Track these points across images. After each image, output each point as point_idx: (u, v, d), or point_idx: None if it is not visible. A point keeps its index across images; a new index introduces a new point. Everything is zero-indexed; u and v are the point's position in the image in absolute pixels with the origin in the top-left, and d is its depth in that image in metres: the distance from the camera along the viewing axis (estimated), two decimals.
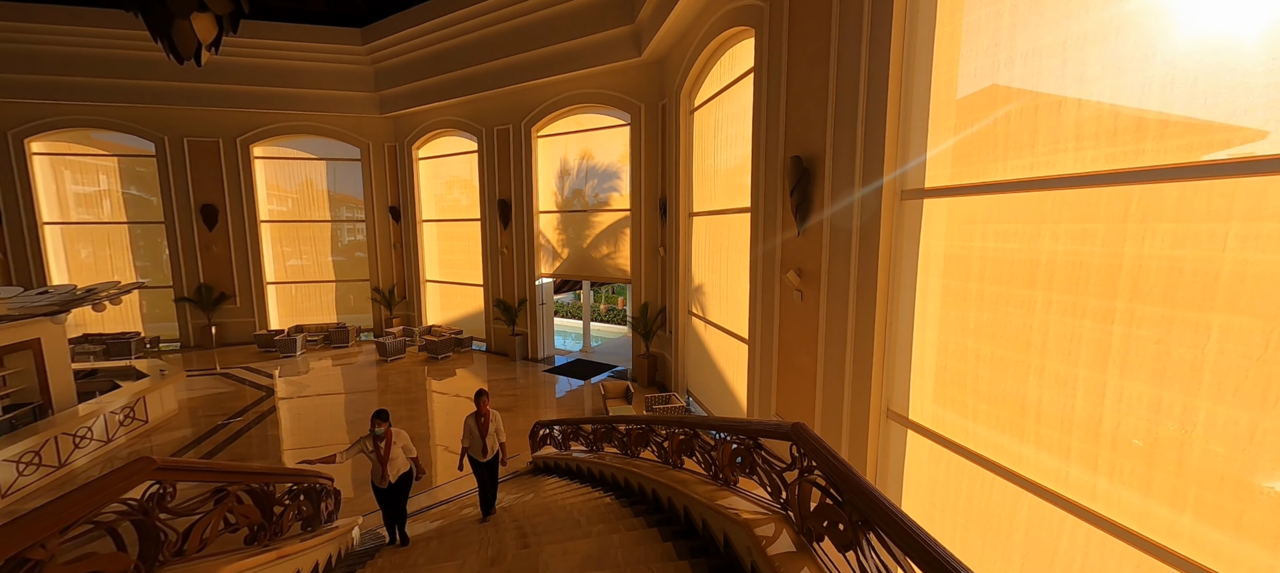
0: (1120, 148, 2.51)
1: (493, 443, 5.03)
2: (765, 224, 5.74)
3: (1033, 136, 2.93)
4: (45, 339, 7.78)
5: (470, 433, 5.05)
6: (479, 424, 4.99)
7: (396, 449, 4.69)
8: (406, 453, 4.80)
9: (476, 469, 5.09)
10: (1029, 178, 2.91)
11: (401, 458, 4.74)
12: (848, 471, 1.59)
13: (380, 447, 4.61)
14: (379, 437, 4.60)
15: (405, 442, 4.81)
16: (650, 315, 10.34)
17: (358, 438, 4.73)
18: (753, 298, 6.14)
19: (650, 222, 10.28)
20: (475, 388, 10.56)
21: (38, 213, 13.02)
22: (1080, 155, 2.69)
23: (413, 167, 14.40)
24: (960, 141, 3.48)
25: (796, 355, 5.24)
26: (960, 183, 3.43)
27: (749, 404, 6.31)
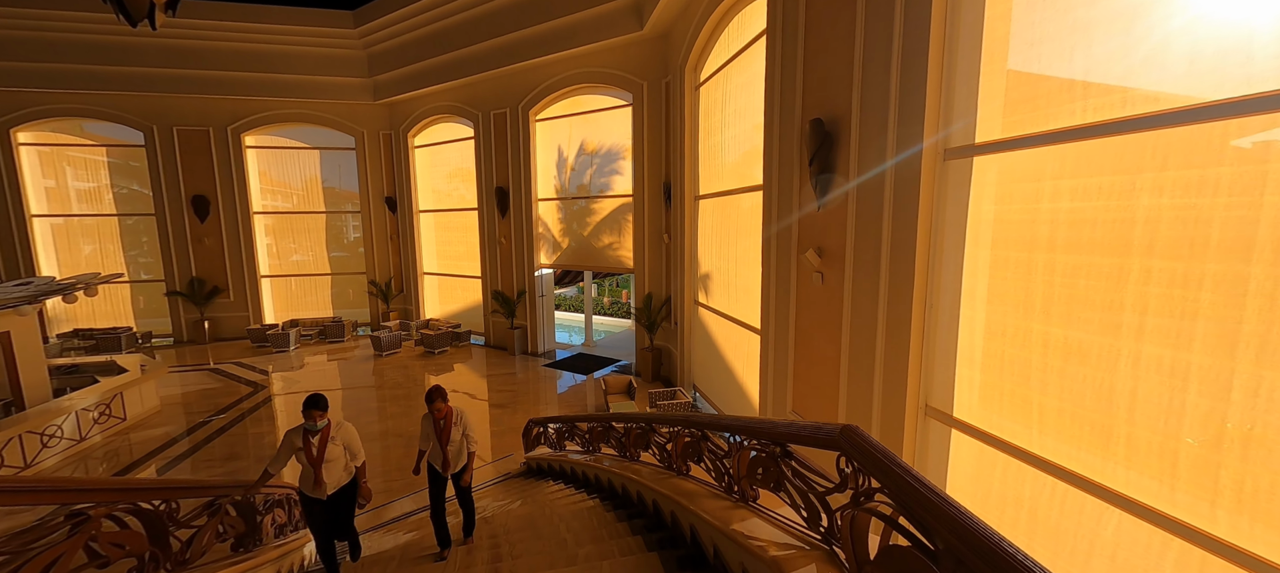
0: (1258, 68, 1.92)
1: (459, 451, 4.02)
2: (780, 201, 5.17)
3: (1124, 65, 2.35)
4: (15, 332, 7.36)
5: (428, 437, 4.04)
6: (438, 430, 3.96)
7: (335, 449, 3.64)
8: (348, 455, 3.76)
9: (435, 485, 4.01)
10: (1126, 117, 2.32)
11: (342, 462, 3.72)
12: (943, 501, 1.04)
13: (311, 445, 3.56)
14: (312, 432, 3.56)
15: (349, 439, 3.76)
16: (654, 306, 9.79)
17: (285, 433, 3.65)
18: (765, 284, 5.57)
19: (654, 207, 9.72)
20: (474, 382, 10.19)
21: (26, 205, 12.67)
22: (1193, 83, 2.10)
23: (409, 155, 13.92)
24: (1020, 84, 2.89)
25: (816, 345, 4.67)
26: (1022, 133, 2.84)
27: (762, 401, 5.76)
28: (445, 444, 3.96)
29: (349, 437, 3.77)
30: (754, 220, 6.27)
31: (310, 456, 3.55)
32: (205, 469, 6.67)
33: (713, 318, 7.89)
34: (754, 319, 6.25)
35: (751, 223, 6.37)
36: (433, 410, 3.92)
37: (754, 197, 6.28)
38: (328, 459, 3.59)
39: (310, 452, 3.55)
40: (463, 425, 4.06)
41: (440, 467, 4.03)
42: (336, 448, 3.68)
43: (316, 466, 3.56)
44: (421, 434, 4.06)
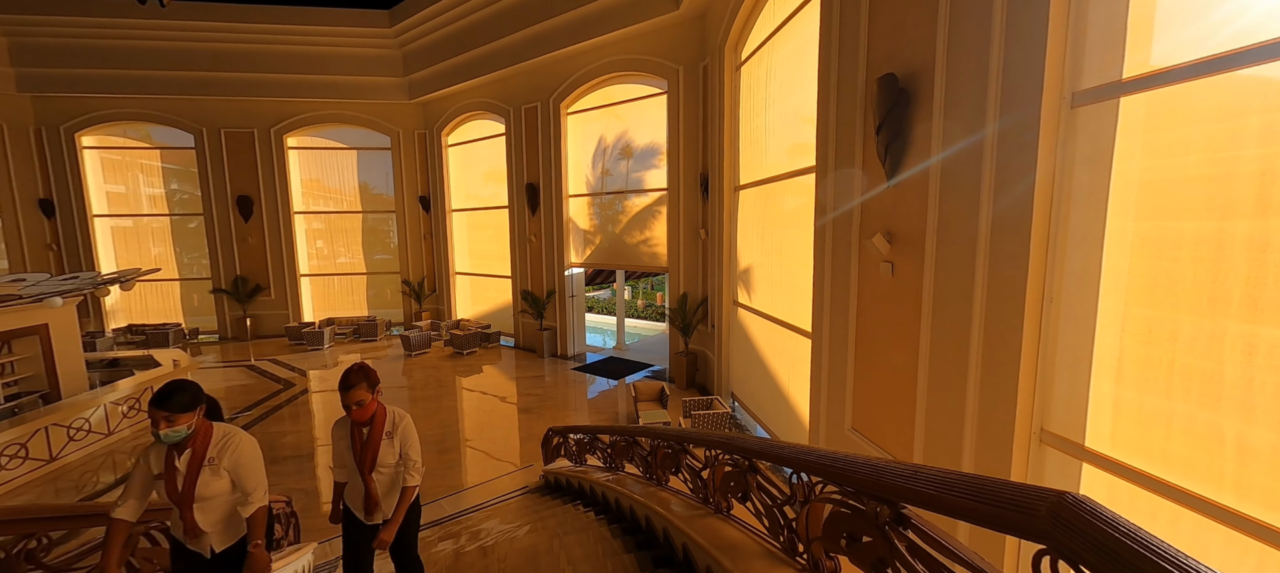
0: None
1: (391, 482, 2.58)
2: (837, 182, 4.41)
3: None
4: (53, 325, 7.44)
5: (341, 459, 2.60)
6: (355, 443, 2.52)
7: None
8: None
9: (353, 543, 2.63)
10: None
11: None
12: None
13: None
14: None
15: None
16: (690, 307, 9.09)
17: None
18: (818, 280, 4.80)
19: (690, 201, 9.04)
20: (502, 385, 9.78)
21: (88, 206, 13.29)
22: None
23: (442, 154, 13.80)
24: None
25: (885, 350, 3.88)
26: (1208, 55, 2.03)
27: (813, 415, 4.97)
28: (368, 470, 2.48)
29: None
30: (803, 209, 5.51)
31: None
32: None
33: (754, 320, 7.13)
34: (803, 321, 5.48)
35: (800, 212, 5.61)
36: (347, 407, 2.47)
37: (803, 182, 5.52)
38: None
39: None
40: (401, 438, 2.60)
41: (361, 508, 2.56)
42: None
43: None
44: (333, 452, 2.64)
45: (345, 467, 2.61)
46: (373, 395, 2.51)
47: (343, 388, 2.46)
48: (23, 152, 12.65)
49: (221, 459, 2.17)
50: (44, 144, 12.81)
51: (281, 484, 5.93)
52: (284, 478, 6.11)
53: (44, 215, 13.05)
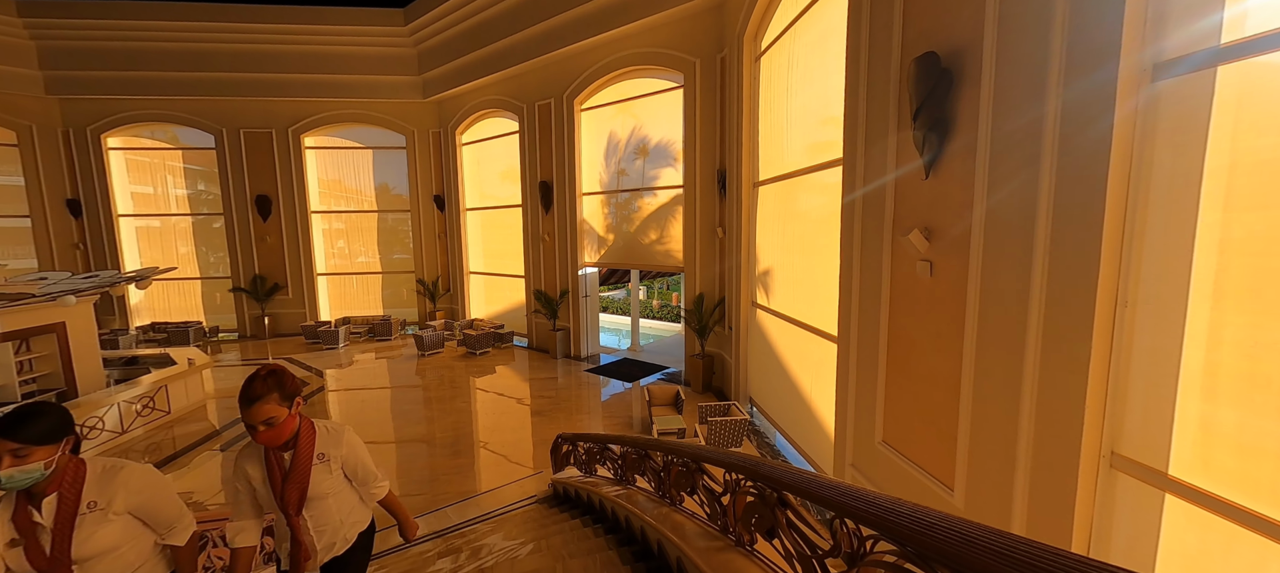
0: None
1: (322, 516, 1.95)
2: (867, 172, 4.07)
3: None
4: (70, 323, 7.48)
5: (252, 501, 1.94)
6: (274, 476, 1.87)
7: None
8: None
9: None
10: None
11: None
12: None
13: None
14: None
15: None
16: (706, 309, 8.79)
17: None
18: (845, 280, 4.47)
19: (706, 199, 8.74)
20: (514, 386, 9.59)
21: (113, 206, 13.54)
22: None
23: (457, 152, 13.72)
24: None
25: (921, 357, 3.54)
26: None
27: (840, 424, 4.64)
28: (294, 509, 1.87)
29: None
30: (828, 205, 5.18)
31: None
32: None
33: (774, 322, 6.80)
34: (828, 324, 5.15)
35: (826, 207, 5.28)
36: (252, 428, 1.78)
37: (828, 176, 5.19)
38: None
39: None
40: (343, 459, 2.00)
41: (288, 558, 1.94)
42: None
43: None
44: (232, 498, 2.02)
45: (261, 509, 1.94)
46: (289, 409, 1.83)
47: (244, 402, 1.75)
48: (51, 153, 12.93)
49: (111, 501, 1.62)
50: (71, 145, 13.08)
51: None
52: None
53: (71, 215, 13.33)
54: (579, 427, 7.52)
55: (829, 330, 5.12)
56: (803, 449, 6.01)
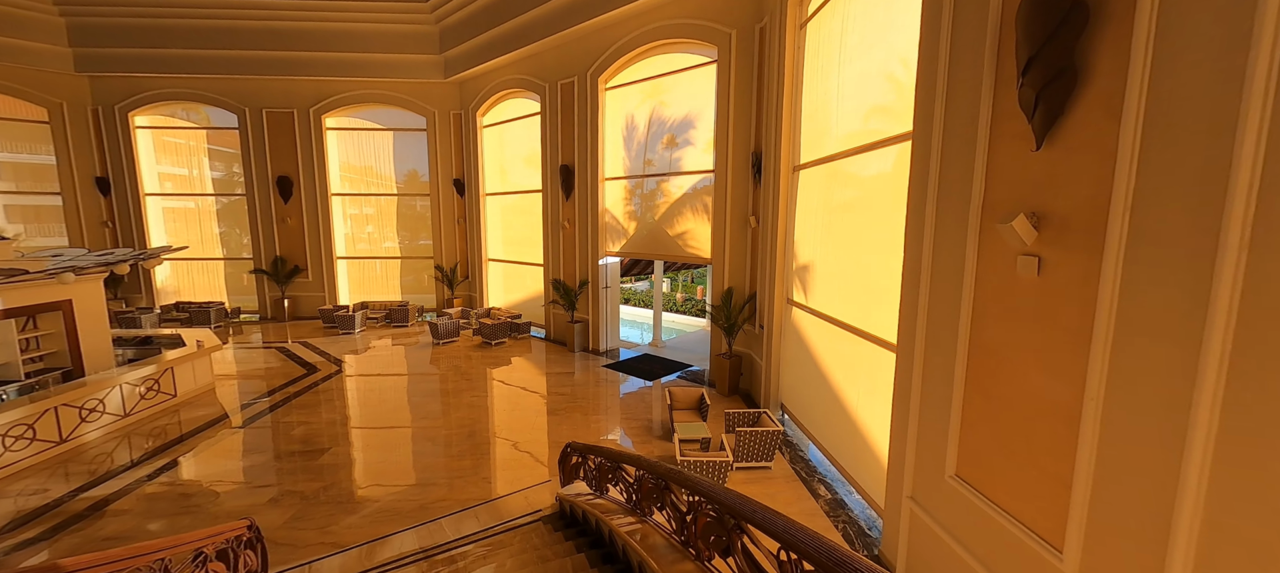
0: None
1: None
2: (947, 146, 3.32)
3: None
4: (77, 301, 7.28)
5: None
6: None
7: None
8: None
9: None
10: None
11: None
12: None
13: None
14: None
15: None
16: (735, 305, 8.08)
17: None
18: (911, 278, 3.73)
19: (738, 185, 8.00)
20: (528, 379, 9.09)
21: (140, 185, 13.59)
22: None
23: (477, 135, 13.26)
24: None
25: (1018, 376, 2.79)
26: None
27: (896, 449, 3.92)
28: None
29: None
30: (888, 189, 4.43)
31: None
32: (222, 461, 6.05)
33: (814, 323, 6.06)
34: (883, 329, 4.42)
35: (885, 192, 4.52)
36: None
37: (888, 154, 4.43)
38: None
39: None
40: None
41: None
42: None
43: None
44: None
45: None
46: None
47: None
48: (81, 131, 13.01)
49: None
50: (100, 123, 13.14)
51: (279, 484, 5.42)
52: (283, 477, 5.60)
53: (100, 193, 13.44)
54: (594, 427, 6.95)
55: (885, 337, 4.38)
56: (847, 471, 5.29)
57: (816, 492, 5.29)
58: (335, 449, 6.28)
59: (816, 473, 5.70)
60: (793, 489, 5.34)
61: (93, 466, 5.96)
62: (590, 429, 6.93)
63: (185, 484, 5.49)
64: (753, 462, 5.70)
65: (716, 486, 2.10)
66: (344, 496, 5.20)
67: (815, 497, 5.19)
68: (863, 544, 4.46)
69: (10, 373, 6.69)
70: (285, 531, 4.58)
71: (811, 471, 5.74)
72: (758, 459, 5.70)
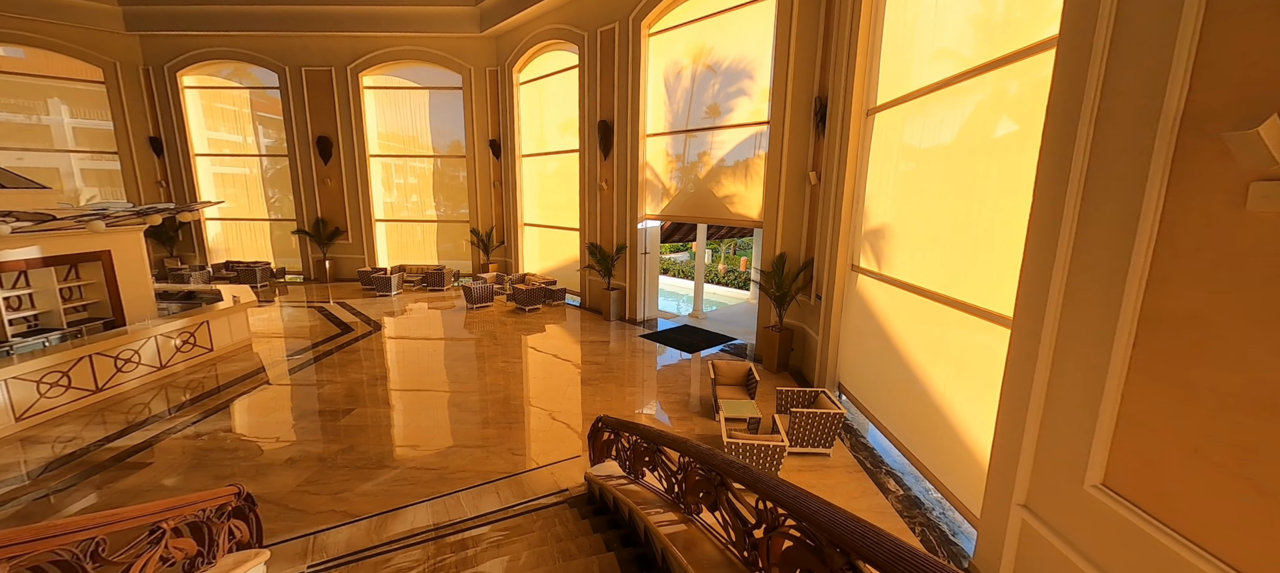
0: None
1: None
2: (1122, 42, 2.42)
3: None
4: (116, 252, 7.26)
5: None
6: None
7: None
8: None
9: None
10: None
11: None
12: None
13: None
14: None
15: None
16: (788, 272, 7.26)
17: None
18: (1043, 231, 2.88)
19: (798, 136, 7.07)
20: (560, 347, 8.64)
21: (190, 145, 13.84)
22: None
23: (513, 92, 12.69)
24: None
25: (1232, 358, 1.96)
26: None
27: (1003, 447, 3.12)
28: None
29: None
30: (1002, 122, 3.52)
31: None
32: (246, 417, 5.87)
33: (886, 292, 5.21)
34: (988, 297, 3.57)
35: (995, 128, 3.61)
36: None
37: (1008, 77, 3.50)
38: None
39: None
40: None
41: None
42: None
43: None
44: None
45: None
46: None
47: None
48: (134, 91, 13.27)
49: None
50: (151, 83, 13.36)
51: (298, 444, 5.15)
52: (303, 436, 5.34)
53: (154, 154, 13.77)
54: (629, 401, 6.40)
55: (993, 308, 3.53)
56: (924, 465, 4.51)
57: (885, 486, 4.55)
58: (359, 411, 6.00)
59: (884, 464, 4.94)
60: (856, 482, 4.62)
61: (127, 415, 5.90)
62: (625, 402, 6.38)
63: (205, 440, 5.31)
64: (809, 447, 4.99)
65: (808, 496, 1.44)
66: (363, 460, 4.87)
67: (883, 492, 4.45)
68: (947, 553, 3.72)
69: (52, 321, 6.74)
70: (296, 495, 4.26)
71: (877, 461, 4.99)
72: (815, 445, 4.99)
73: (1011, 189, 3.35)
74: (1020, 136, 3.33)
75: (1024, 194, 3.05)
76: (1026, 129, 3.25)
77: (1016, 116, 3.44)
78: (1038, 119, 2.92)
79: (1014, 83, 3.47)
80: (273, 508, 4.08)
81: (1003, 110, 3.60)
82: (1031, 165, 2.97)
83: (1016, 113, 3.44)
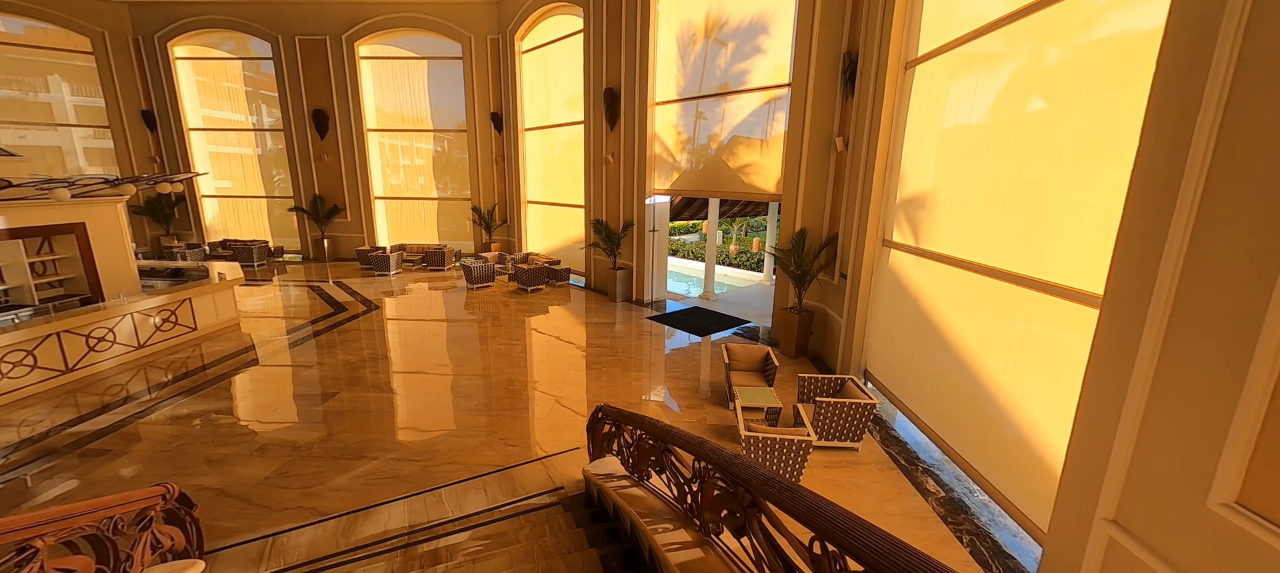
0: None
1: None
2: None
3: None
4: (91, 224, 6.83)
5: None
6: None
7: None
8: None
9: None
10: None
11: None
12: None
13: None
14: None
15: None
16: (808, 249, 6.67)
17: None
18: (1151, 189, 2.28)
19: (822, 99, 6.42)
20: (563, 329, 8.17)
21: (184, 119, 13.38)
22: None
23: (515, 61, 12.04)
24: None
25: None
26: None
27: (1083, 450, 2.56)
28: None
29: None
30: (1090, 60, 2.89)
31: None
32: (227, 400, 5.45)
33: (927, 269, 4.63)
34: (1068, 273, 2.99)
35: (1082, 68, 2.99)
36: None
37: (1095, 9, 2.87)
38: None
39: None
40: None
41: None
42: None
43: None
44: None
45: None
46: None
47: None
48: (124, 61, 12.80)
49: None
50: (142, 54, 12.88)
51: (272, 431, 4.72)
52: (280, 422, 4.90)
53: (147, 128, 13.35)
54: (634, 387, 5.90)
55: (1075, 285, 2.95)
56: (972, 466, 3.97)
57: (922, 486, 4.02)
58: (344, 395, 5.56)
59: (919, 460, 4.41)
60: (890, 481, 4.10)
61: (98, 397, 5.52)
62: (630, 387, 5.89)
63: (173, 425, 4.89)
64: (836, 441, 4.47)
65: (883, 534, 0.91)
66: (341, 449, 4.42)
67: (922, 493, 3.93)
68: (1002, 569, 3.20)
69: (23, 297, 6.35)
70: (263, 488, 3.83)
71: (912, 457, 4.45)
72: (841, 438, 4.47)
73: (1100, 138, 2.75)
74: (1113, 68, 2.71)
75: (1119, 143, 2.45)
76: (1124, 59, 2.63)
77: (1107, 48, 2.81)
78: (1139, 46, 2.31)
79: (1097, 16, 2.84)
80: (234, 504, 3.64)
81: (1090, 31, 2.97)
82: (1130, 107, 2.36)
83: (1114, 49, 2.82)
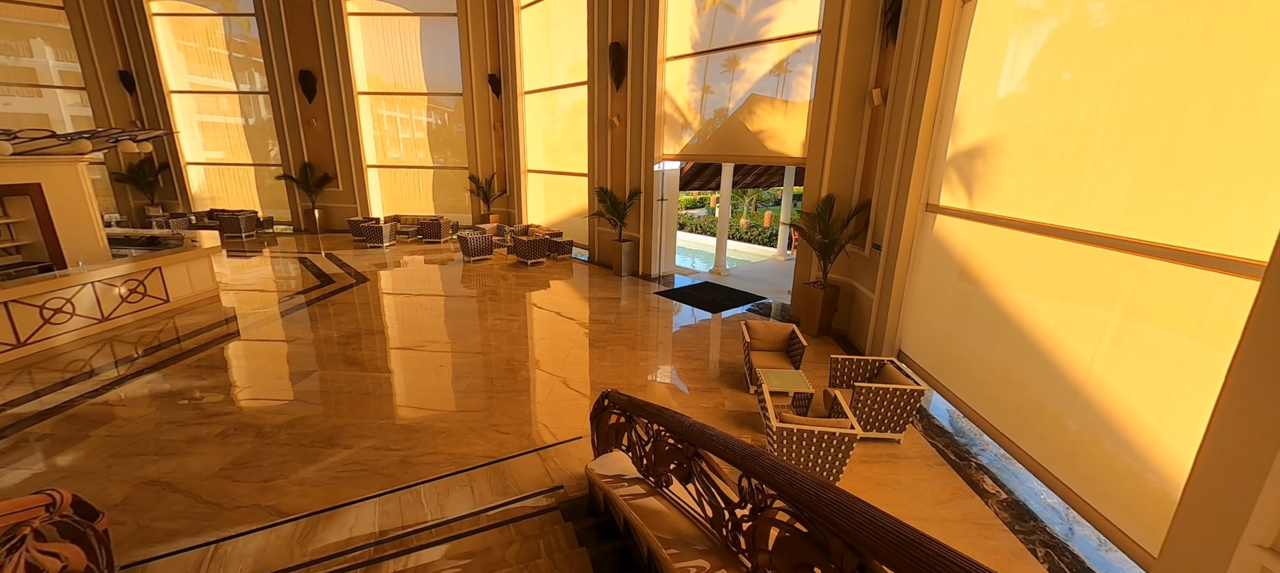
0: None
1: None
2: None
3: None
4: (47, 185, 6.23)
5: None
6: None
7: None
8: None
9: None
10: None
11: None
12: None
13: None
14: None
15: None
16: (836, 217, 6.02)
17: None
18: None
19: (857, 45, 5.69)
20: (565, 304, 7.59)
21: (164, 80, 12.64)
22: None
23: (514, 17, 11.20)
24: None
25: None
26: None
27: (1224, 458, 1.96)
28: None
29: None
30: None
31: None
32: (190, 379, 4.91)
33: (982, 235, 3.99)
34: (1205, 235, 2.36)
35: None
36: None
37: None
38: None
39: None
40: None
41: None
42: None
43: None
44: None
45: None
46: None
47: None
48: (98, 18, 12.03)
49: None
50: (117, 10, 12.08)
51: (236, 414, 4.18)
52: (247, 404, 4.37)
53: (126, 90, 12.63)
54: (641, 367, 5.34)
55: (1220, 251, 2.32)
56: (1043, 467, 3.39)
57: (979, 485, 3.47)
58: (320, 373, 5.02)
59: (969, 455, 3.85)
60: (941, 478, 3.54)
61: (55, 374, 4.99)
62: (637, 368, 5.32)
63: (127, 408, 4.36)
64: (875, 432, 3.91)
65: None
66: (311, 436, 3.89)
67: (980, 495, 3.37)
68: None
69: None
70: (215, 482, 3.30)
71: (962, 452, 3.89)
72: (882, 428, 3.91)
73: (1262, 47, 2.09)
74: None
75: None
76: None
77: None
78: None
79: None
80: (178, 500, 3.12)
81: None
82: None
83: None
